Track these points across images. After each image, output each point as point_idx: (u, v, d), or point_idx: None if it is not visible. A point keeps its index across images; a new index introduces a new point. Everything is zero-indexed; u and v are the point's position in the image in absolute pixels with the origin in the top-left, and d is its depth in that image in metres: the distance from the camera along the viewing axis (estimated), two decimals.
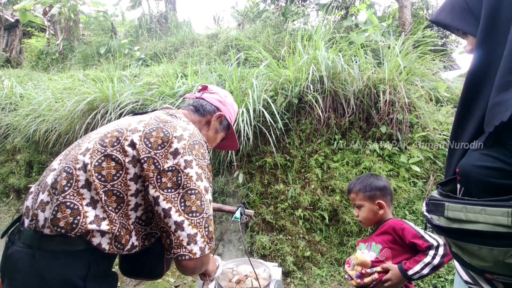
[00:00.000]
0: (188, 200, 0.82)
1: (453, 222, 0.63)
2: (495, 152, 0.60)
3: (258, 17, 6.14)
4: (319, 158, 2.64)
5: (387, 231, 1.22)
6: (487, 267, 0.61)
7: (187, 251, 0.81)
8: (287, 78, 2.87)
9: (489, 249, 0.58)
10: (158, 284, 2.35)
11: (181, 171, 0.83)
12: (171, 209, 0.80)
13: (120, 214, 0.84)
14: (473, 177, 0.64)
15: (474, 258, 0.62)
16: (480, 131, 0.67)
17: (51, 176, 0.86)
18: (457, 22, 0.74)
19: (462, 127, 0.72)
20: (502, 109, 0.58)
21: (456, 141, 0.73)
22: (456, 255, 0.69)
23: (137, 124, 0.90)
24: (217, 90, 1.21)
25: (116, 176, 0.83)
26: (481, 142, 0.64)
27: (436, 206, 0.67)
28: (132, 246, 0.86)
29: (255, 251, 2.46)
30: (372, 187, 1.27)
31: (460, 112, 0.73)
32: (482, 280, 0.67)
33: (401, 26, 4.89)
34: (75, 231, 0.79)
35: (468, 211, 0.60)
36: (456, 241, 0.65)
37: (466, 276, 0.71)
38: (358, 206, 1.31)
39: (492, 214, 0.57)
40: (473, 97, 0.70)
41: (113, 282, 0.93)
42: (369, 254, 1.25)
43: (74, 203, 0.80)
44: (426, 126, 2.76)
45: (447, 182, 0.75)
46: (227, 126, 1.20)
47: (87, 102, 3.30)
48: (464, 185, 0.68)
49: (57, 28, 8.31)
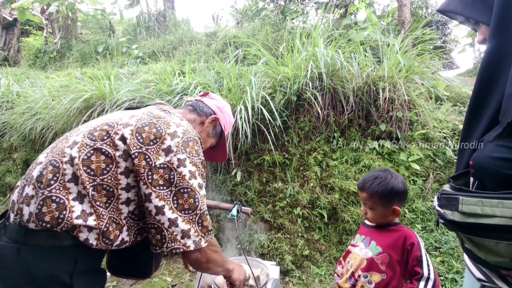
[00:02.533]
0: (181, 198, 0.82)
1: (468, 216, 0.60)
2: (511, 143, 0.58)
3: (257, 16, 6.11)
4: (318, 156, 2.62)
5: (398, 238, 1.13)
6: (503, 263, 0.59)
7: (181, 244, 0.81)
8: (285, 76, 2.84)
9: (507, 243, 0.55)
10: (155, 284, 2.33)
11: (174, 169, 0.82)
12: (165, 207, 0.80)
13: (111, 209, 0.82)
14: (488, 169, 0.61)
15: (489, 254, 0.60)
16: (495, 123, 0.64)
17: (37, 170, 0.84)
18: (469, 11, 0.72)
19: (476, 119, 0.69)
20: None
21: (469, 133, 0.70)
22: (469, 251, 0.66)
23: (128, 118, 0.88)
24: (217, 98, 1.23)
25: (106, 170, 0.81)
26: (497, 133, 0.61)
27: (449, 201, 0.65)
28: (121, 241, 0.84)
29: (254, 250, 2.44)
30: (391, 191, 1.11)
31: (474, 104, 0.70)
32: (496, 277, 0.64)
33: (400, 25, 4.88)
34: (60, 226, 0.77)
35: (485, 204, 0.57)
36: (471, 237, 0.62)
37: (478, 274, 0.69)
38: (369, 207, 1.18)
39: (510, 207, 0.54)
40: (487, 88, 0.67)
41: (101, 279, 0.91)
42: (364, 251, 1.20)
43: (60, 197, 0.78)
44: (425, 124, 2.74)
45: (458, 176, 0.72)
46: (220, 133, 1.20)
47: (84, 99, 3.26)
48: (478, 178, 0.65)
49: (55, 27, 8.26)
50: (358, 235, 1.28)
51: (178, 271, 2.53)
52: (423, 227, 2.36)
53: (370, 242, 1.20)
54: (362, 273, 1.17)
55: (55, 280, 0.77)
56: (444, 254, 2.18)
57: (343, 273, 1.28)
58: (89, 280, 0.84)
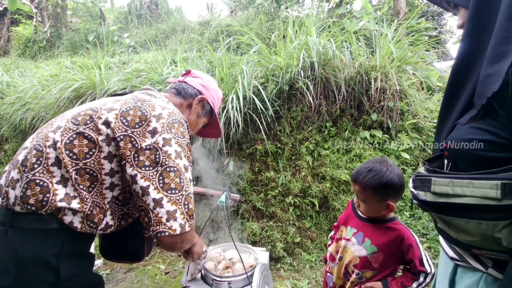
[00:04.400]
0: (167, 178, 0.81)
1: (439, 196, 0.62)
2: (484, 125, 0.59)
3: (251, 4, 6.01)
4: (309, 146, 2.63)
5: (394, 239, 1.09)
6: (474, 242, 0.60)
7: (167, 228, 0.80)
8: (278, 65, 2.82)
9: (477, 222, 0.57)
10: (148, 271, 2.36)
11: (159, 149, 0.82)
12: (149, 187, 0.79)
13: (94, 193, 0.82)
14: (461, 151, 0.62)
15: (460, 233, 0.62)
16: (470, 106, 0.65)
17: (22, 154, 0.85)
18: None
19: (453, 102, 0.70)
20: (495, 79, 0.56)
21: (446, 117, 0.72)
22: (442, 230, 0.68)
23: (113, 103, 0.88)
24: (200, 75, 1.19)
25: (88, 154, 0.81)
26: (471, 116, 0.62)
27: (423, 182, 0.66)
28: (106, 225, 0.85)
29: (246, 237, 2.47)
30: (386, 186, 1.03)
31: (450, 89, 0.71)
32: (469, 256, 0.66)
33: (396, 15, 4.84)
34: (45, 209, 0.78)
35: (455, 185, 0.59)
36: (443, 216, 0.64)
37: (452, 253, 0.71)
38: (362, 200, 1.11)
39: (480, 187, 0.55)
40: (464, 72, 0.68)
41: (87, 263, 0.92)
42: (356, 248, 1.15)
43: (43, 181, 0.79)
44: (416, 114, 2.77)
45: (434, 159, 0.74)
46: (209, 111, 1.18)
47: (74, 89, 3.21)
48: (452, 160, 0.67)
49: (44, 15, 8.03)
50: (349, 226, 1.22)
51: (172, 259, 2.56)
52: (411, 214, 2.41)
53: (364, 239, 1.14)
54: (356, 270, 1.15)
55: (41, 263, 0.78)
56: (430, 241, 2.24)
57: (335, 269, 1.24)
58: (76, 264, 0.85)
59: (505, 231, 0.54)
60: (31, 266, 0.78)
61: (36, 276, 0.78)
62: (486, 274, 0.63)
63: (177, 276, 2.31)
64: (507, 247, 0.55)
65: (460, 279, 0.69)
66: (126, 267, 2.42)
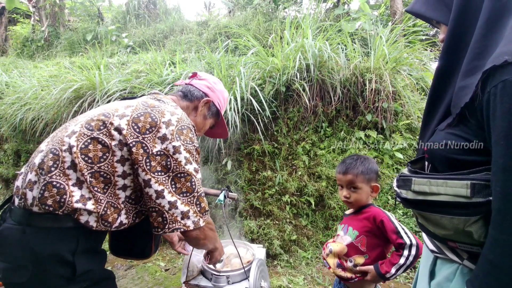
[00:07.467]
0: (179, 183, 0.87)
1: (418, 194, 0.69)
2: (458, 131, 0.66)
3: (249, 4, 6.05)
4: (306, 146, 2.69)
5: (368, 219, 1.22)
6: (448, 235, 0.67)
7: (182, 225, 0.87)
8: (275, 67, 2.88)
9: (450, 218, 0.63)
10: (149, 268, 2.42)
11: (170, 156, 0.87)
12: (164, 191, 0.85)
13: (108, 194, 0.87)
14: (438, 154, 0.69)
15: (436, 227, 0.68)
16: (448, 114, 0.72)
17: (38, 157, 0.89)
18: (431, 11, 0.77)
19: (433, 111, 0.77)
20: (467, 91, 0.63)
21: (429, 121, 0.78)
22: (422, 225, 0.75)
23: (124, 109, 0.92)
24: (206, 77, 1.22)
25: (102, 158, 0.86)
26: (448, 123, 0.69)
27: (405, 182, 0.74)
28: (120, 223, 0.90)
29: (243, 235, 2.53)
30: (371, 169, 1.24)
31: (431, 98, 0.78)
32: (446, 248, 0.72)
33: (392, 16, 4.90)
34: (62, 209, 0.83)
35: (432, 184, 0.66)
36: (422, 212, 0.71)
37: (431, 245, 0.77)
38: (355, 188, 1.24)
39: (452, 186, 0.62)
40: (443, 84, 0.74)
41: (101, 258, 0.97)
42: (344, 238, 1.27)
43: (60, 183, 0.83)
44: (410, 115, 2.83)
45: (416, 161, 0.81)
46: (216, 112, 1.21)
47: (74, 90, 3.25)
48: (431, 162, 0.74)
49: (42, 14, 8.02)
50: (340, 225, 1.36)
51: (171, 256, 2.62)
52: (404, 212, 2.48)
53: (347, 229, 1.28)
54: (347, 258, 1.25)
55: (57, 258, 0.83)
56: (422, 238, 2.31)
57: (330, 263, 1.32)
58: (90, 260, 0.90)
59: (476, 226, 0.61)
60: (47, 262, 0.82)
61: (52, 271, 0.83)
62: (462, 266, 0.69)
63: (176, 273, 2.37)
64: (478, 240, 0.62)
65: (439, 270, 0.76)
66: (126, 264, 2.48)
